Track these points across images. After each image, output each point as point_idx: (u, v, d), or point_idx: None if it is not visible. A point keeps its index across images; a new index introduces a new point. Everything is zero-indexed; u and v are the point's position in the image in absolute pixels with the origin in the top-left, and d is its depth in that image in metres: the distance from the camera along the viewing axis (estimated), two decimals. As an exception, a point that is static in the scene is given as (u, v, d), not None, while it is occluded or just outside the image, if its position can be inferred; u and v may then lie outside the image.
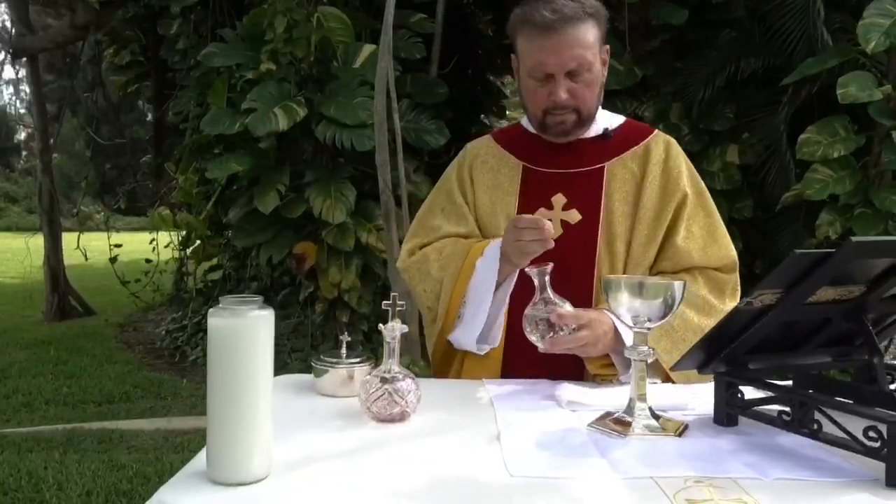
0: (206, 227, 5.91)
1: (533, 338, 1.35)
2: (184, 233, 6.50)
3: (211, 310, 0.93)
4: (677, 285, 1.13)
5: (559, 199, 1.60)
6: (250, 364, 0.91)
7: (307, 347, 5.23)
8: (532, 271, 1.35)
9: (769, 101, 4.49)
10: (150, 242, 7.21)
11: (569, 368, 1.49)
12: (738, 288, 1.58)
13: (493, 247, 1.55)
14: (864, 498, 0.89)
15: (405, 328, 1.20)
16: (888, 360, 1.20)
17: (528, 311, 1.36)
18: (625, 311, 1.15)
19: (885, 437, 0.92)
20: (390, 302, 1.22)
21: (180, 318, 6.86)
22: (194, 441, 3.90)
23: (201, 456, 0.97)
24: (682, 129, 4.70)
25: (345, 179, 4.97)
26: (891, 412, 0.95)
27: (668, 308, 1.13)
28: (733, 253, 1.60)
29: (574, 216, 1.58)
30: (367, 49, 5.04)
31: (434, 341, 1.65)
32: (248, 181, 5.19)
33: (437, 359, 1.67)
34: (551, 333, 1.34)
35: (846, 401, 1.06)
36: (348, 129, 4.77)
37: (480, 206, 1.66)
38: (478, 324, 1.55)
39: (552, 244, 1.42)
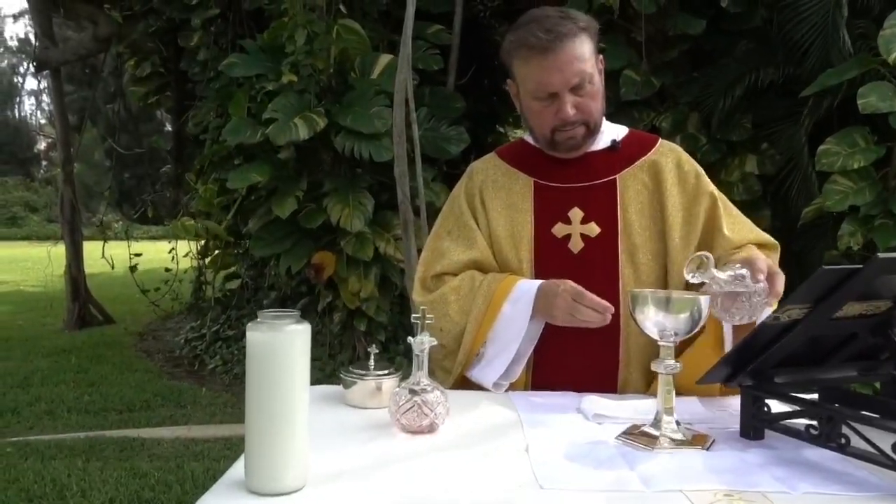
0: (227, 234, 5.98)
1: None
2: (202, 242, 6.56)
3: (249, 324, 0.96)
4: (703, 300, 1.15)
5: (576, 214, 1.60)
6: (288, 377, 0.94)
7: (325, 357, 5.26)
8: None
9: (788, 112, 4.48)
10: (170, 252, 7.29)
11: (594, 387, 1.49)
12: None
13: (522, 292, 1.51)
14: (894, 512, 0.90)
15: (434, 341, 1.22)
16: (914, 374, 1.20)
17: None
18: (651, 324, 1.16)
19: (915, 452, 0.93)
20: (419, 315, 1.23)
21: (199, 327, 6.92)
22: (214, 450, 3.93)
23: (238, 466, 0.99)
24: (699, 140, 4.70)
25: (363, 189, 5.01)
26: (919, 427, 0.96)
27: (694, 322, 1.14)
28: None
29: (593, 229, 1.59)
30: (384, 59, 5.10)
31: (449, 377, 1.59)
32: (268, 191, 5.25)
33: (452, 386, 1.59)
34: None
35: (873, 415, 1.07)
36: (366, 140, 4.82)
37: (496, 227, 1.62)
38: (500, 367, 1.51)
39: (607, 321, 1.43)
